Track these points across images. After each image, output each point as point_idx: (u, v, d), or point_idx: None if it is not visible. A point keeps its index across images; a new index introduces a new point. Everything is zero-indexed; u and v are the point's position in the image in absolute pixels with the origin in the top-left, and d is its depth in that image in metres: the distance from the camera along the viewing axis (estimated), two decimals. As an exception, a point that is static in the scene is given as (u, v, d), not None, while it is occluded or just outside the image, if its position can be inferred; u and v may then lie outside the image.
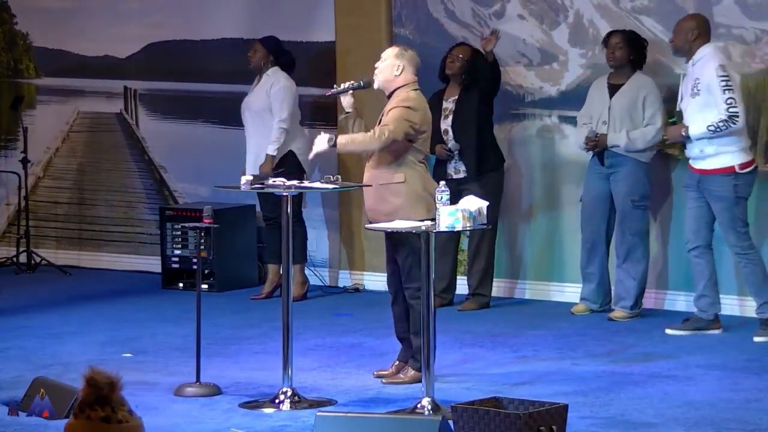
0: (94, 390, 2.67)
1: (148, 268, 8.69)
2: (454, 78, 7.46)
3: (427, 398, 5.37)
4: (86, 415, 2.66)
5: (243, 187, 5.77)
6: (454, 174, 7.40)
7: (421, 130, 5.77)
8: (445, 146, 7.41)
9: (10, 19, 9.36)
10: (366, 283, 8.28)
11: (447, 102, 7.49)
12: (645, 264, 7.21)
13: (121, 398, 2.70)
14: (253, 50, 7.86)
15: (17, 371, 5.98)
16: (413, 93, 5.77)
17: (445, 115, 7.49)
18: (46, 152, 9.27)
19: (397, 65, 5.77)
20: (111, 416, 2.66)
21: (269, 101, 7.72)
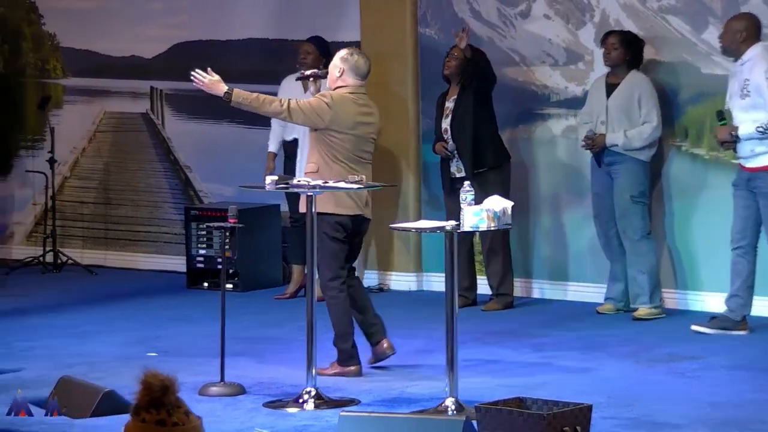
0: (148, 393, 2.66)
1: (173, 267, 8.72)
2: (453, 78, 7.48)
3: (450, 398, 5.36)
4: (141, 418, 2.65)
5: (268, 187, 5.78)
6: (457, 173, 7.46)
7: (331, 127, 5.92)
8: (445, 145, 7.44)
9: (38, 19, 9.42)
10: (391, 283, 8.28)
11: (448, 102, 7.55)
12: (653, 257, 7.21)
13: (178, 400, 2.68)
14: (306, 52, 7.77)
15: (43, 370, 6.01)
16: (342, 93, 5.95)
17: (446, 115, 7.54)
18: (72, 152, 9.32)
19: (339, 68, 5.99)
20: (166, 419, 2.65)
21: None
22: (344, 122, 5.94)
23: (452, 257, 5.44)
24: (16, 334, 6.89)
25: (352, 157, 5.95)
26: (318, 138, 5.96)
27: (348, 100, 5.96)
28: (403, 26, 8.15)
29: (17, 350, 6.50)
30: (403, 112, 8.21)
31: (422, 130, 8.15)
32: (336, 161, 5.93)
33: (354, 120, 5.97)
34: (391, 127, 8.26)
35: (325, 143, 5.94)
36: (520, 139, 7.89)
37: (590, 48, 7.71)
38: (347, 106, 5.96)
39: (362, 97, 6.04)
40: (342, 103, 5.94)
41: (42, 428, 5.12)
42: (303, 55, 7.77)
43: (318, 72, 6.14)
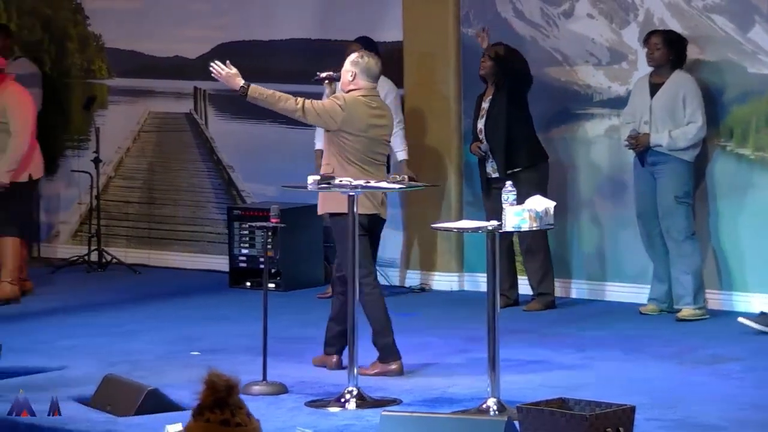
0: (213, 393, 2.65)
1: (215, 267, 8.77)
2: (488, 78, 7.47)
3: (492, 398, 5.35)
4: (205, 418, 2.64)
5: (310, 186, 5.80)
6: (492, 173, 7.46)
7: (343, 129, 5.96)
8: (479, 145, 7.45)
9: (83, 20, 9.50)
10: (433, 283, 8.28)
11: (484, 102, 7.56)
12: (697, 258, 7.16)
13: (240, 401, 2.68)
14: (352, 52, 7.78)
15: (87, 368, 6.06)
16: (355, 96, 5.99)
17: (481, 116, 7.55)
18: (117, 152, 9.39)
19: (351, 72, 6.04)
20: (230, 419, 2.64)
21: None
22: (356, 124, 5.97)
23: (494, 257, 5.43)
24: (60, 332, 6.96)
25: (365, 159, 5.99)
26: (332, 140, 6.01)
27: (360, 103, 6.00)
28: (446, 26, 8.15)
29: (62, 348, 6.56)
30: (446, 111, 8.20)
31: (464, 130, 8.14)
32: (350, 163, 5.96)
33: (366, 122, 6.00)
34: (433, 126, 8.26)
35: (338, 145, 5.98)
36: (562, 138, 7.86)
37: (634, 47, 7.67)
38: (359, 108, 5.99)
39: (375, 100, 6.08)
40: (354, 105, 5.98)
41: (86, 426, 5.16)
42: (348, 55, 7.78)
43: (333, 74, 6.15)
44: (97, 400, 5.45)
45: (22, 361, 6.15)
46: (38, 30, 9.64)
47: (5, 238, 7.79)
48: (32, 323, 7.21)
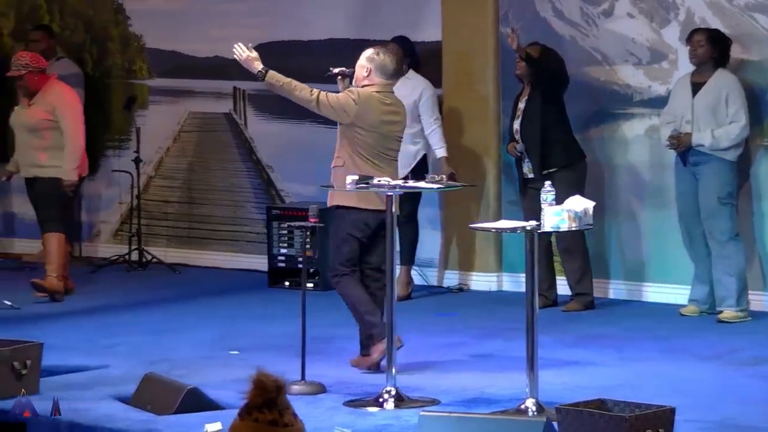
0: (263, 393, 2.65)
1: (254, 266, 8.80)
2: (524, 78, 7.45)
3: (531, 399, 5.33)
4: (254, 418, 2.64)
5: (348, 186, 5.81)
6: (529, 173, 7.44)
7: (356, 123, 6.00)
8: (515, 145, 7.45)
9: (125, 21, 9.56)
10: (471, 283, 8.27)
11: (520, 102, 7.55)
12: (740, 259, 7.10)
13: (287, 401, 2.68)
14: None
15: (127, 367, 6.10)
16: (369, 91, 6.02)
17: (517, 116, 7.53)
18: (157, 152, 9.45)
19: (366, 68, 6.06)
20: (278, 419, 2.64)
21: (413, 105, 7.71)
22: (369, 119, 6.00)
23: (532, 257, 5.41)
24: (102, 331, 7.01)
25: (377, 154, 6.03)
26: (344, 133, 6.07)
27: (374, 99, 6.03)
28: (485, 25, 8.13)
29: (103, 347, 6.60)
30: (484, 111, 8.19)
31: (503, 130, 8.12)
32: (360, 157, 6.01)
33: (379, 118, 6.04)
34: (471, 126, 8.25)
35: (350, 139, 6.03)
36: (601, 138, 7.83)
37: (674, 47, 7.62)
38: (373, 104, 6.03)
39: (389, 96, 6.11)
40: (368, 100, 6.01)
41: (126, 425, 5.20)
42: None
43: (345, 70, 6.19)
44: (137, 399, 5.48)
45: (64, 360, 6.20)
46: (80, 31, 9.72)
47: (50, 234, 7.87)
48: (74, 322, 7.27)
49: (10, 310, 7.52)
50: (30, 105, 7.88)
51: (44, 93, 7.85)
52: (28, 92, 7.88)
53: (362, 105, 5.99)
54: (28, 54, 8.01)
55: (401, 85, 7.81)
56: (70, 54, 9.52)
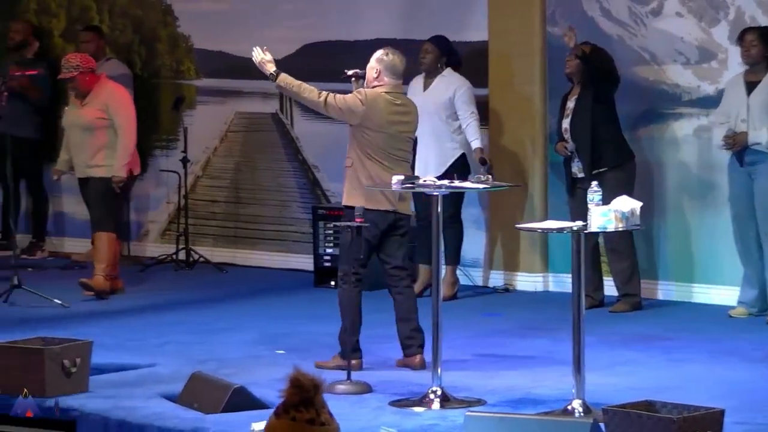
0: (300, 392, 2.67)
1: (300, 266, 8.83)
2: (574, 77, 7.42)
3: (578, 400, 5.31)
4: (291, 417, 2.66)
5: (394, 186, 5.82)
6: (578, 173, 7.40)
7: (364, 124, 6.04)
8: (565, 144, 7.39)
9: (173, 22, 9.63)
10: (516, 284, 8.24)
11: (569, 101, 7.50)
12: None
13: (323, 400, 2.70)
14: (425, 51, 7.83)
15: (175, 366, 6.14)
16: (378, 92, 6.06)
17: (566, 115, 7.49)
18: (204, 152, 9.50)
19: (376, 69, 6.13)
20: (315, 418, 2.66)
21: (449, 104, 7.72)
22: (376, 120, 6.03)
23: (579, 258, 5.39)
24: (150, 330, 7.06)
25: (386, 155, 6.06)
26: (353, 134, 6.11)
27: (382, 99, 6.06)
28: (532, 25, 8.10)
29: (151, 346, 6.65)
30: (531, 111, 8.16)
31: (549, 130, 8.09)
32: (368, 157, 6.05)
33: (386, 119, 6.06)
34: (517, 126, 8.22)
35: (358, 139, 6.07)
36: (649, 138, 7.77)
37: (724, 46, 7.55)
38: (381, 104, 6.05)
39: (399, 97, 6.14)
40: (375, 101, 6.03)
41: (174, 423, 5.23)
42: (422, 54, 7.83)
43: (359, 72, 6.23)
44: (185, 398, 5.52)
45: (113, 358, 6.25)
46: (129, 31, 9.80)
47: (101, 233, 7.94)
48: (123, 320, 7.33)
49: (60, 309, 7.60)
50: (83, 105, 7.96)
51: (96, 92, 7.93)
52: (80, 93, 7.96)
53: (369, 105, 6.02)
54: (78, 55, 8.09)
55: (437, 83, 7.83)
56: (119, 55, 9.60)
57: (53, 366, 5.55)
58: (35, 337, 5.84)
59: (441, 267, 5.80)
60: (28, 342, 5.72)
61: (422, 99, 7.80)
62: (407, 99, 6.20)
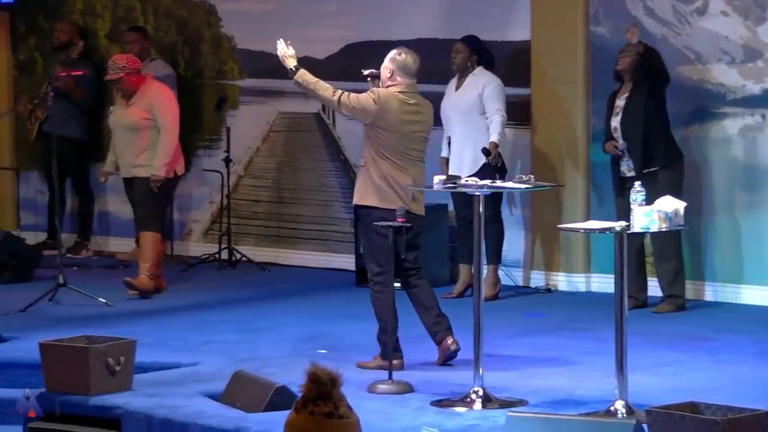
0: (318, 386, 2.71)
1: (342, 266, 8.84)
2: (625, 75, 7.35)
3: (620, 401, 5.29)
4: (309, 411, 2.71)
5: (436, 186, 5.82)
6: (627, 172, 7.35)
7: (377, 123, 6.07)
8: (615, 143, 7.33)
9: (217, 22, 9.68)
10: (558, 284, 8.21)
11: (619, 100, 7.44)
12: None
13: (341, 394, 2.74)
14: (456, 51, 7.84)
15: (218, 365, 6.17)
16: (391, 91, 6.09)
17: (615, 113, 7.43)
18: (247, 151, 9.55)
19: (389, 69, 6.16)
20: (333, 412, 2.70)
21: (479, 101, 7.71)
22: (389, 119, 6.05)
23: (621, 258, 5.36)
24: (193, 329, 7.10)
25: (399, 154, 6.07)
26: (367, 133, 6.14)
27: (396, 99, 6.07)
28: (574, 25, 8.07)
29: (194, 345, 6.69)
30: (573, 111, 8.13)
31: (592, 130, 8.05)
32: (382, 157, 6.06)
33: (399, 118, 6.07)
34: (560, 126, 8.19)
35: (372, 138, 6.10)
36: (694, 138, 7.72)
37: (769, 45, 7.49)
38: (394, 104, 6.06)
39: (413, 97, 6.15)
40: (388, 101, 6.05)
41: (217, 422, 5.26)
42: (453, 54, 7.84)
43: (374, 72, 6.25)
44: (227, 397, 5.55)
45: (156, 357, 6.29)
46: (173, 32, 9.86)
47: (146, 232, 8.00)
48: (166, 319, 7.38)
49: (104, 308, 7.66)
50: (129, 105, 8.02)
51: (142, 93, 7.99)
52: (125, 93, 8.03)
53: (382, 105, 6.04)
54: (124, 56, 8.16)
55: (468, 82, 7.82)
56: (163, 55, 9.67)
57: (98, 364, 5.59)
58: (80, 335, 5.89)
59: (482, 267, 5.78)
60: (73, 340, 5.77)
61: (454, 98, 7.81)
62: (421, 99, 6.21)
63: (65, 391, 5.60)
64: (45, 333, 6.54)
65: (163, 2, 9.87)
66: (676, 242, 7.43)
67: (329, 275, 8.84)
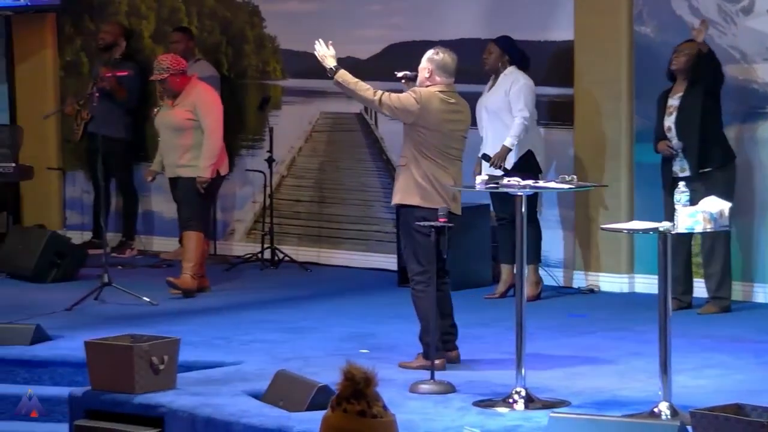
0: (351, 384, 2.74)
1: (384, 265, 8.85)
2: (680, 74, 7.30)
3: (664, 402, 5.26)
4: (343, 409, 2.74)
5: (477, 186, 5.82)
6: (680, 172, 7.28)
7: (418, 123, 6.07)
8: (668, 143, 7.27)
9: (260, 22, 9.72)
10: (601, 284, 8.17)
11: (672, 99, 7.37)
12: None
13: (376, 394, 2.76)
14: (488, 51, 7.87)
15: (261, 364, 6.20)
16: (432, 91, 6.09)
17: (669, 113, 7.36)
18: (289, 151, 9.58)
19: (428, 69, 6.16)
20: (366, 410, 2.72)
21: (508, 101, 7.71)
22: (431, 119, 6.07)
23: (665, 259, 5.33)
24: (236, 328, 7.13)
25: (440, 153, 6.09)
26: (408, 133, 6.14)
27: (436, 98, 6.08)
28: (619, 25, 8.03)
29: (238, 344, 6.72)
30: (617, 111, 8.08)
31: (636, 130, 8.00)
32: (424, 157, 6.08)
33: (440, 117, 6.09)
34: (603, 126, 8.16)
35: (413, 138, 6.10)
36: (742, 138, 7.65)
37: (816, 44, 7.41)
38: (435, 103, 6.08)
39: (453, 96, 6.17)
40: (429, 100, 6.06)
41: (260, 421, 5.28)
42: (485, 54, 7.84)
43: (408, 74, 6.26)
44: (270, 396, 5.57)
45: (199, 356, 6.33)
46: (217, 32, 9.92)
47: (190, 232, 8.05)
48: (209, 319, 7.42)
49: (148, 307, 7.72)
50: (174, 106, 8.08)
51: (186, 93, 8.05)
52: (171, 93, 8.08)
53: (424, 104, 6.06)
54: (170, 57, 8.21)
55: (499, 82, 7.81)
56: (206, 56, 9.72)
57: (142, 363, 5.63)
58: (125, 334, 5.94)
59: (524, 267, 5.77)
60: (118, 339, 5.82)
61: (486, 98, 7.83)
62: (460, 98, 6.24)
63: (110, 389, 5.65)
64: (90, 332, 6.60)
65: (207, 3, 9.92)
66: (724, 243, 7.36)
67: (371, 275, 8.85)
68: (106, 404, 5.66)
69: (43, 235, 8.78)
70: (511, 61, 7.82)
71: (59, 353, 6.44)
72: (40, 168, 9.80)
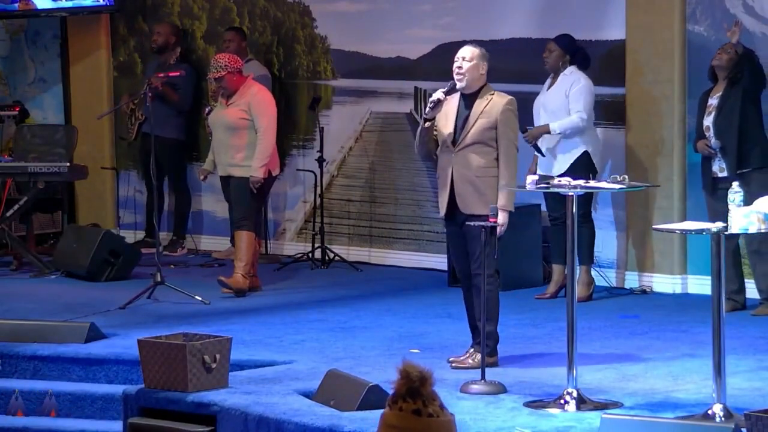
0: (407, 382, 2.73)
1: (434, 265, 8.85)
2: (721, 72, 7.23)
3: (718, 404, 5.21)
4: (398, 407, 2.73)
5: (529, 186, 5.80)
6: (719, 173, 7.23)
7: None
8: (707, 143, 7.21)
9: (311, 22, 9.76)
10: (654, 285, 8.12)
11: (712, 98, 7.32)
12: None
13: (433, 393, 2.75)
14: (548, 50, 7.82)
15: (312, 363, 6.22)
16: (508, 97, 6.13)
17: (708, 112, 7.31)
18: (340, 151, 9.61)
19: (482, 66, 6.15)
20: (422, 409, 2.71)
21: (567, 101, 7.68)
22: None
23: (719, 260, 5.28)
24: (287, 327, 7.17)
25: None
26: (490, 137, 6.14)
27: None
28: (671, 24, 7.97)
29: (289, 343, 6.75)
30: (669, 111, 8.03)
31: (688, 130, 7.94)
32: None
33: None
34: (655, 126, 8.10)
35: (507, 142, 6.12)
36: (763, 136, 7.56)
37: None
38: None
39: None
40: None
41: (311, 420, 5.30)
42: (546, 53, 7.80)
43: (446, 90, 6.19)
44: (321, 395, 5.59)
45: (252, 355, 6.37)
46: (268, 32, 9.97)
47: (242, 232, 8.10)
48: (261, 318, 7.46)
49: (200, 305, 7.78)
50: (228, 105, 8.13)
51: (241, 93, 8.10)
52: (227, 92, 8.14)
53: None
54: (227, 55, 8.26)
55: (559, 82, 7.77)
56: (258, 55, 9.77)
57: (194, 361, 5.67)
58: (177, 332, 5.98)
59: (576, 267, 5.75)
60: (171, 338, 5.87)
61: (544, 97, 7.79)
62: None
63: (163, 387, 5.70)
64: (143, 330, 6.67)
65: (259, 3, 9.98)
66: (772, 244, 7.30)
67: (422, 275, 8.85)
68: (159, 402, 5.71)
69: (97, 234, 8.87)
70: (572, 60, 7.78)
71: (113, 351, 6.51)
72: (94, 168, 9.91)
